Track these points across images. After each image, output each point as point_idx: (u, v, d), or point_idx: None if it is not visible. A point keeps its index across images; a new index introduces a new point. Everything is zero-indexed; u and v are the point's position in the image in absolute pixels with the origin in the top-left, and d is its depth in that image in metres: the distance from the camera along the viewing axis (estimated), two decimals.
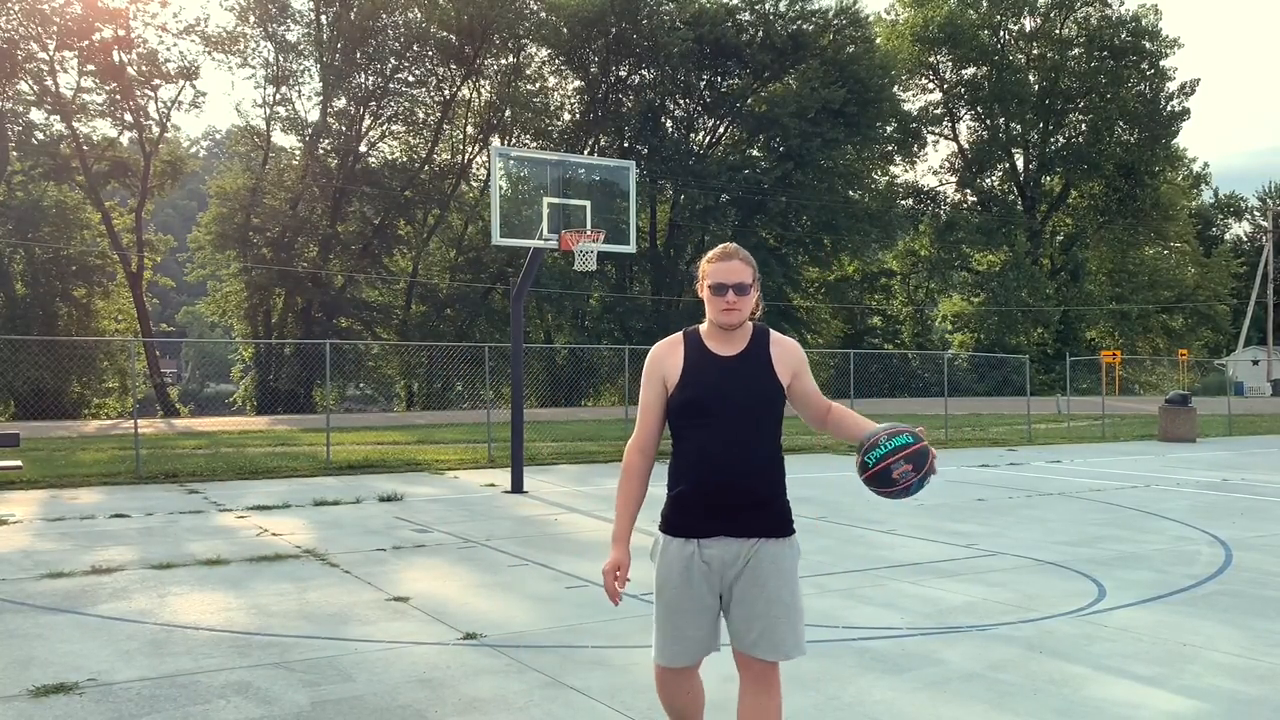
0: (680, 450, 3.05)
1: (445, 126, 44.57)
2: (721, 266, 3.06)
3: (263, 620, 6.00)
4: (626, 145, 45.08)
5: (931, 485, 3.51)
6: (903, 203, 55.23)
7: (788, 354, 3.13)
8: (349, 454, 16.74)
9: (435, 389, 40.42)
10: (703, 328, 3.13)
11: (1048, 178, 59.58)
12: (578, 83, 46.98)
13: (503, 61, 44.28)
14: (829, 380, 48.45)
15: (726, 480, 2.95)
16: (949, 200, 59.18)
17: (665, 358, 3.11)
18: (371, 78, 42.37)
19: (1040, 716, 4.36)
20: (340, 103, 42.33)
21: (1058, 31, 57.31)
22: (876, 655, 5.24)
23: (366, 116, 42.96)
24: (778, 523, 3.05)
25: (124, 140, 41.36)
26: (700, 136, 49.66)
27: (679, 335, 3.14)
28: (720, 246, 3.11)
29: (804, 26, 46.96)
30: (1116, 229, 57.11)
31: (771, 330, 3.16)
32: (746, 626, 3.01)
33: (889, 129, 50.70)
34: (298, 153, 43.71)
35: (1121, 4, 57.55)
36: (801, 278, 50.70)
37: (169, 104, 41.02)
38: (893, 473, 2.99)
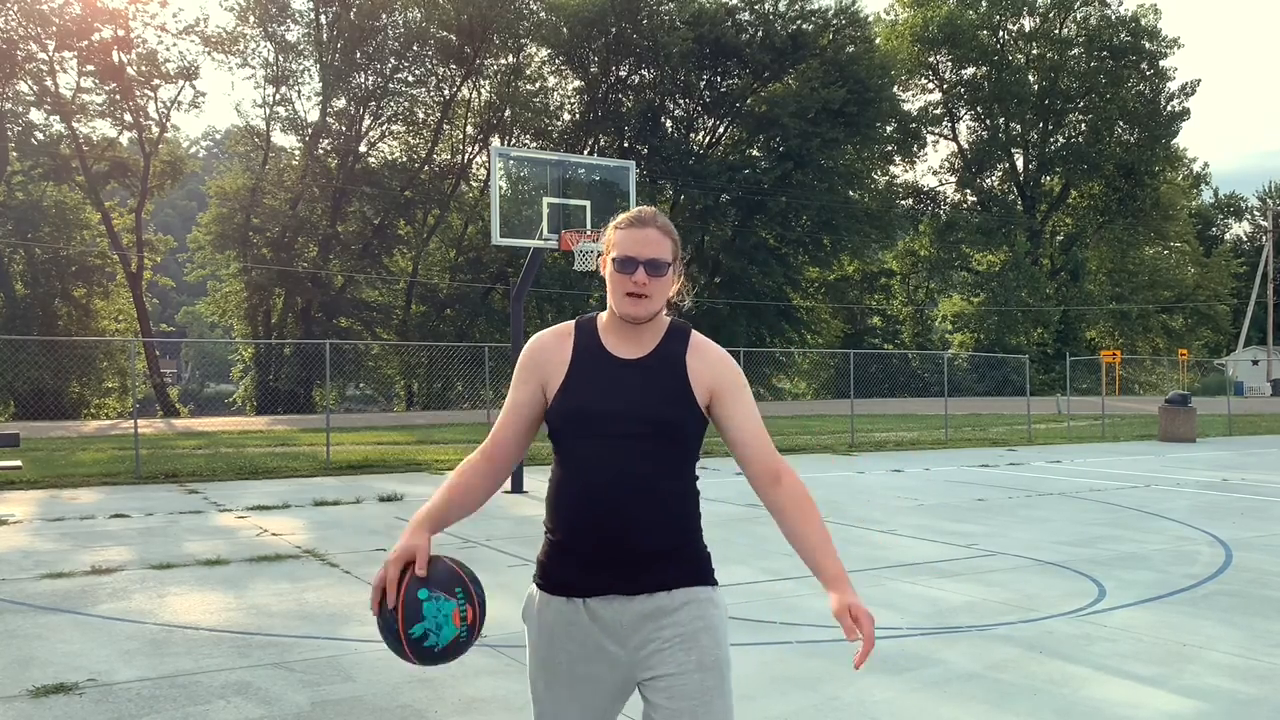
0: (560, 478, 2.27)
1: (445, 126, 44.58)
2: (631, 235, 2.26)
3: (262, 620, 6.00)
4: (626, 145, 45.09)
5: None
6: (902, 203, 55.26)
7: (709, 364, 2.30)
8: (349, 454, 16.74)
9: (435, 389, 40.43)
10: (601, 318, 2.36)
11: (1048, 178, 59.60)
12: (578, 83, 47.00)
13: (503, 61, 44.29)
14: (829, 380, 48.63)
15: (616, 522, 2.18)
16: (949, 200, 59.23)
17: (547, 351, 2.33)
18: (371, 78, 42.39)
19: (1040, 716, 4.36)
20: (340, 103, 42.36)
21: (1057, 31, 57.33)
22: (876, 655, 5.24)
23: (366, 116, 42.98)
24: (691, 566, 2.27)
25: (124, 140, 41.43)
26: (700, 136, 49.67)
27: (569, 325, 2.38)
28: (634, 210, 2.33)
29: (804, 26, 46.97)
30: (1116, 229, 57.13)
31: (695, 332, 2.36)
32: (672, 707, 2.17)
33: (889, 129, 50.71)
34: (298, 153, 43.72)
35: (1121, 4, 57.65)
36: (801, 278, 50.73)
37: (169, 104, 41.09)
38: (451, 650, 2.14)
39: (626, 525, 2.20)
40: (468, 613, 2.11)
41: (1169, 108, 58.13)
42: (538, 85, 45.32)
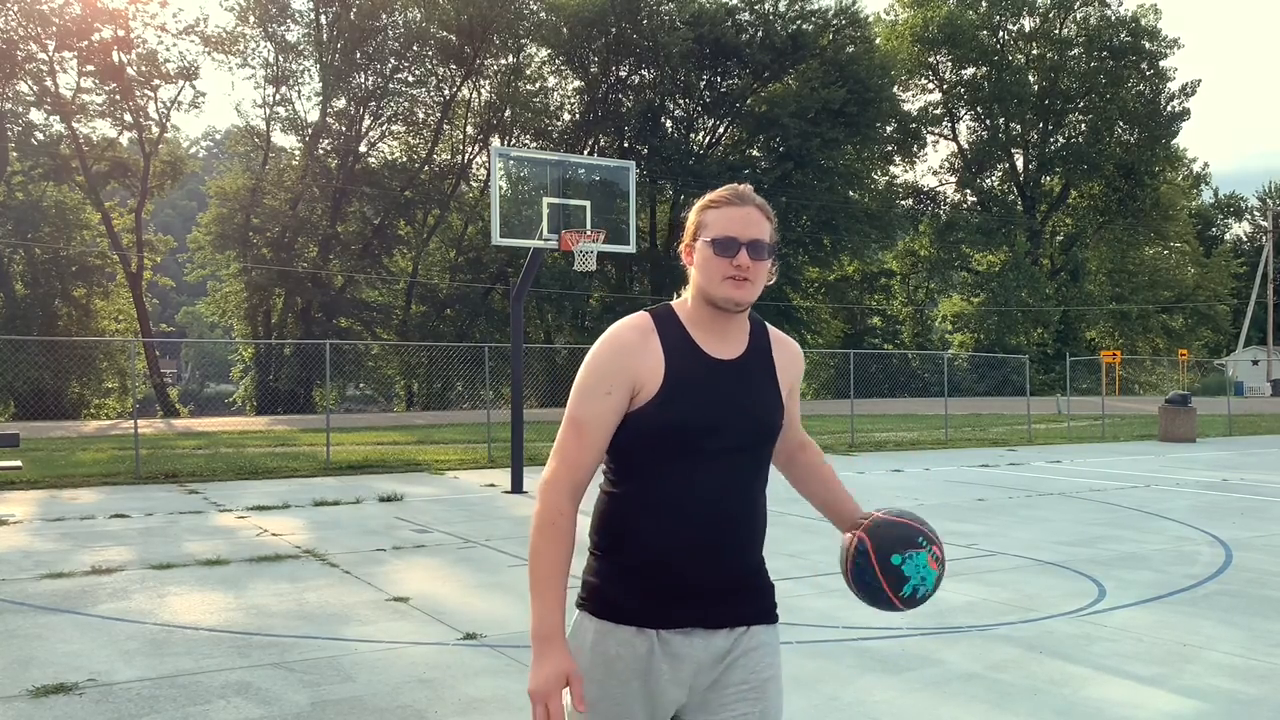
0: (637, 495, 1.97)
1: (445, 126, 44.58)
2: (731, 214, 2.01)
3: (262, 620, 6.00)
4: (626, 145, 45.09)
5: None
6: (902, 203, 55.26)
7: (792, 360, 2.16)
8: (349, 454, 16.74)
9: (435, 389, 40.43)
10: (681, 310, 2.07)
11: (1048, 178, 59.61)
12: (578, 83, 47.00)
13: (503, 61, 44.30)
14: (829, 380, 48.61)
15: (717, 544, 1.96)
16: (949, 200, 59.23)
17: (635, 353, 1.98)
18: (371, 78, 42.40)
19: (1040, 716, 4.36)
20: (340, 103, 42.37)
21: (1057, 31, 57.33)
22: (876, 655, 5.24)
23: (366, 116, 42.98)
24: (767, 601, 2.09)
25: (124, 140, 41.42)
26: (700, 136, 49.68)
27: (645, 318, 2.03)
28: (728, 186, 2.09)
29: (804, 26, 46.97)
30: (1116, 229, 57.14)
31: (769, 326, 2.19)
32: None
33: (889, 129, 50.73)
34: (298, 153, 43.72)
35: (1121, 4, 57.63)
36: (801, 278, 50.73)
37: (169, 104, 41.09)
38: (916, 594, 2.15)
39: (726, 548, 1.97)
40: (936, 551, 2.13)
41: (1169, 108, 58.14)
42: (538, 85, 45.33)
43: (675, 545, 1.95)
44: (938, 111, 57.85)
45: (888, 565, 2.04)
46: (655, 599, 1.96)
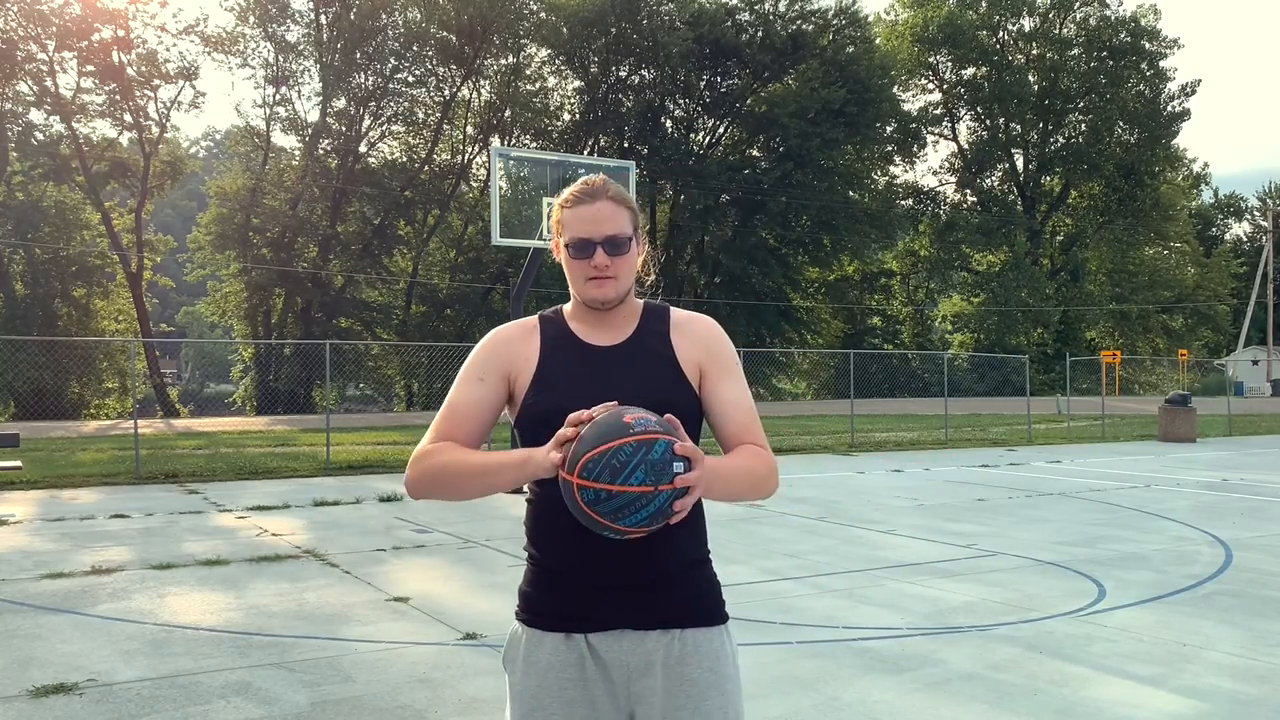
0: (548, 491, 1.87)
1: (445, 126, 44.58)
2: (581, 213, 1.95)
3: (262, 620, 6.00)
4: (626, 145, 45.09)
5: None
6: (902, 203, 55.26)
7: (696, 339, 2.01)
8: (349, 454, 16.74)
9: (435, 389, 40.39)
10: (566, 308, 2.07)
11: (1047, 178, 59.61)
12: (578, 83, 47.01)
13: (503, 61, 44.30)
14: (829, 380, 48.61)
15: (624, 544, 1.83)
16: (949, 200, 59.23)
17: (512, 343, 2.00)
18: (371, 78, 42.39)
19: (1040, 716, 4.36)
20: (340, 103, 42.37)
21: (1057, 32, 57.34)
22: (876, 655, 5.24)
23: (366, 117, 42.98)
24: (706, 601, 1.97)
25: (124, 140, 41.42)
26: (700, 136, 49.68)
27: (532, 318, 2.05)
28: (581, 180, 2.02)
29: (804, 27, 46.98)
30: (1116, 229, 57.14)
31: (674, 309, 2.09)
32: None
33: (889, 129, 50.73)
34: (298, 153, 43.72)
35: (1121, 4, 57.67)
36: (801, 278, 50.75)
37: (169, 104, 41.07)
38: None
39: (642, 540, 1.82)
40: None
41: (1169, 108, 58.15)
42: (538, 85, 45.34)
43: (578, 540, 1.86)
44: (938, 111, 57.87)
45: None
46: (575, 600, 1.91)
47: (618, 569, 1.88)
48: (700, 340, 2.02)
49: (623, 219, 1.96)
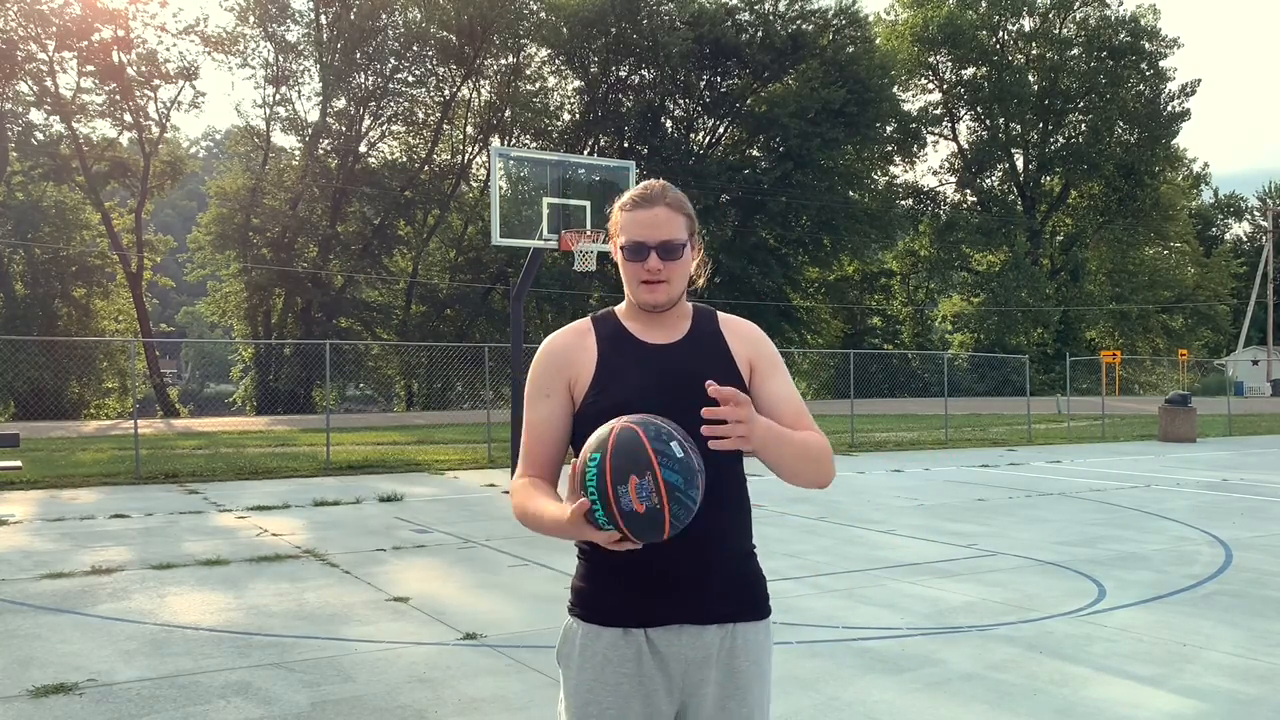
0: None
1: (445, 126, 44.58)
2: (638, 217, 2.01)
3: (262, 620, 6.00)
4: (626, 145, 45.09)
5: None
6: (902, 203, 55.24)
7: (744, 338, 2.10)
8: (348, 454, 16.74)
9: (435, 389, 40.42)
10: (620, 309, 2.13)
11: (1047, 178, 59.60)
12: (578, 83, 47.00)
13: (503, 61, 44.31)
14: (829, 380, 48.60)
15: (678, 541, 1.83)
16: (949, 200, 59.22)
17: (569, 350, 2.06)
18: (371, 78, 42.40)
19: (1040, 716, 4.36)
20: (340, 103, 42.37)
21: (1057, 32, 57.33)
22: (876, 655, 5.24)
23: (366, 116, 42.98)
24: (755, 594, 2.04)
25: (124, 140, 41.43)
26: (700, 136, 49.68)
27: (585, 320, 2.12)
28: (641, 185, 2.07)
29: (804, 26, 46.97)
30: (1116, 229, 57.13)
31: (720, 313, 2.18)
32: None
33: (889, 129, 50.71)
34: (298, 153, 43.73)
35: (1121, 4, 57.61)
36: (801, 278, 50.72)
37: (169, 104, 41.09)
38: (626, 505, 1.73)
39: (701, 532, 1.87)
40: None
41: (1169, 108, 58.12)
42: (538, 85, 45.34)
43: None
44: (938, 111, 57.85)
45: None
46: (637, 595, 1.94)
47: (674, 563, 1.93)
48: (748, 340, 2.10)
49: (678, 225, 2.02)
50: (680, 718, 2.00)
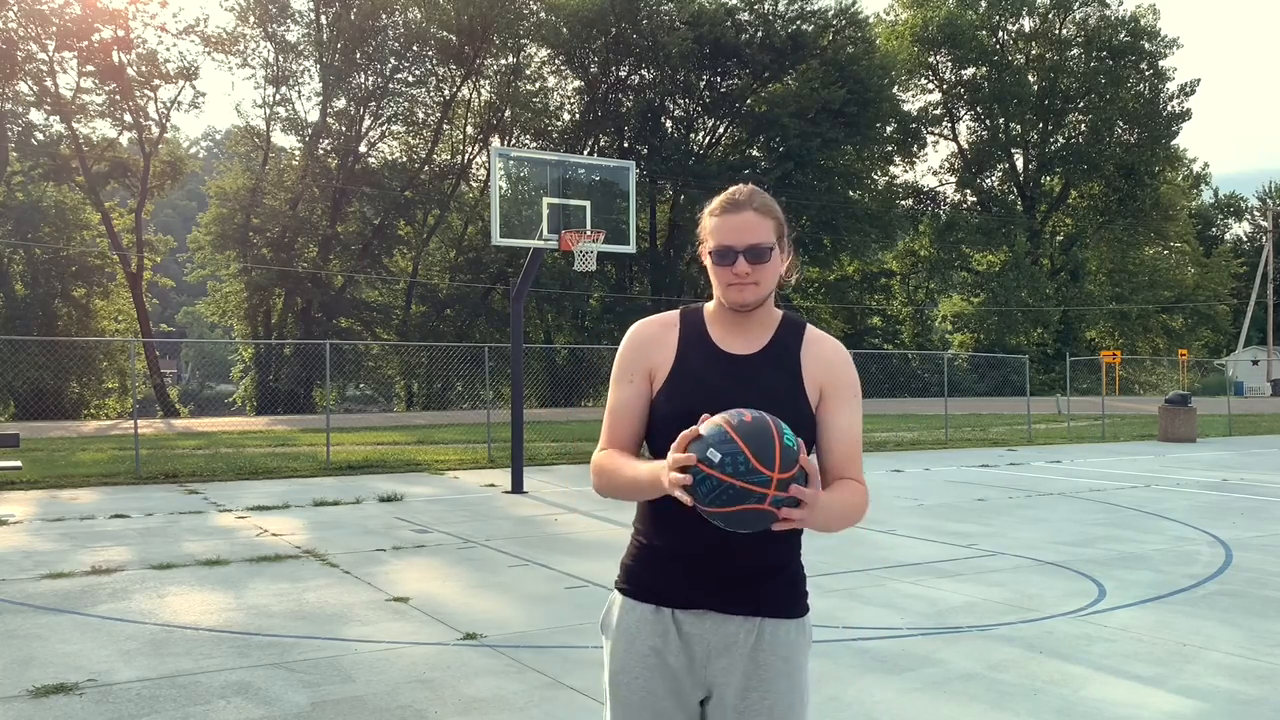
0: None
1: (445, 126, 44.57)
2: (727, 222, 2.07)
3: (262, 620, 6.00)
4: (626, 145, 45.09)
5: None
6: (902, 203, 55.23)
7: (824, 361, 2.14)
8: (348, 454, 16.74)
9: (435, 389, 40.42)
10: (708, 308, 2.19)
11: (1047, 178, 59.58)
12: (578, 83, 46.99)
13: (503, 61, 44.29)
14: None
15: (720, 538, 1.97)
16: (949, 200, 59.21)
17: (654, 340, 2.15)
18: (371, 78, 42.38)
19: (1040, 716, 4.36)
20: (340, 103, 42.35)
21: (1057, 32, 57.31)
22: (876, 655, 5.24)
23: (366, 116, 42.97)
24: (789, 594, 2.11)
25: (124, 140, 41.39)
26: (700, 136, 49.67)
27: (673, 314, 2.19)
28: (730, 190, 2.13)
29: (804, 27, 46.96)
30: (1116, 229, 57.11)
31: (810, 325, 2.22)
32: None
33: (889, 129, 50.72)
34: (298, 153, 43.70)
35: (1120, 4, 57.60)
36: (802, 278, 50.70)
37: (169, 104, 41.04)
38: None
39: (729, 541, 1.98)
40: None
41: (1169, 108, 58.09)
42: (538, 85, 45.32)
43: (681, 532, 2.03)
44: (938, 111, 57.84)
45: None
46: (673, 578, 2.07)
47: (712, 559, 2.04)
48: (826, 363, 2.15)
49: (766, 229, 2.08)
50: (706, 704, 2.10)
